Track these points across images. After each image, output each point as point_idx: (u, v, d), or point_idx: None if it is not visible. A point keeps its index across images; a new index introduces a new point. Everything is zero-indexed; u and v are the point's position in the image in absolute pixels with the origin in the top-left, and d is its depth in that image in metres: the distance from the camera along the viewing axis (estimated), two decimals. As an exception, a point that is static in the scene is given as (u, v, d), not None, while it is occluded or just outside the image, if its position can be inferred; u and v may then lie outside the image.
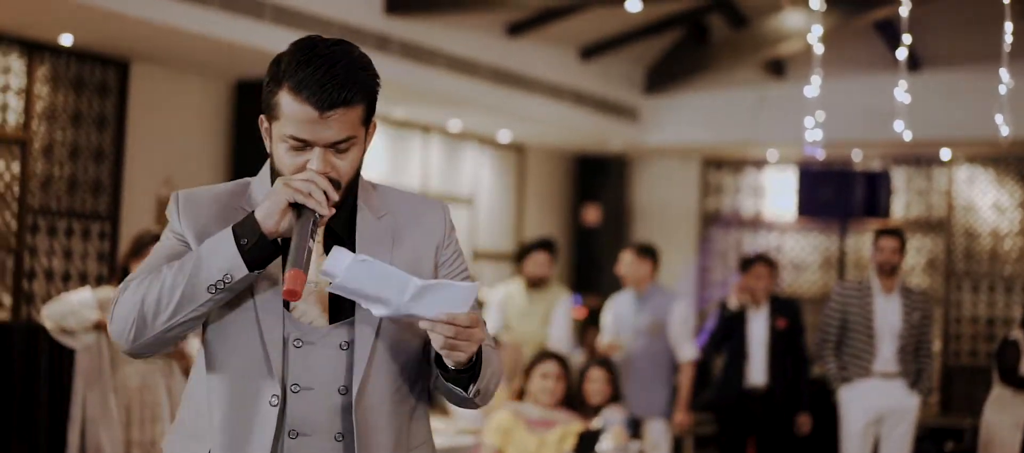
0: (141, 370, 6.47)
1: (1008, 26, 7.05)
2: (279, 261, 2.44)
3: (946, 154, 11.73)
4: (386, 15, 8.89)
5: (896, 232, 8.25)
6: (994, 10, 7.42)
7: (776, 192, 12.63)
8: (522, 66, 10.44)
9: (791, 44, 10.50)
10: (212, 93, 9.34)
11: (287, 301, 2.45)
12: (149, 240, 6.16)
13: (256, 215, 2.39)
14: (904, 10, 7.35)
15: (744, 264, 8.56)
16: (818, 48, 7.90)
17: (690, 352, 8.22)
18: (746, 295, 8.38)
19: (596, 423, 6.66)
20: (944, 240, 11.93)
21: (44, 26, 7.79)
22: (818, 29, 7.96)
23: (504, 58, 10.22)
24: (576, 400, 6.91)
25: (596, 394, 7.15)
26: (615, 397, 7.25)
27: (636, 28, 10.89)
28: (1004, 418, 7.60)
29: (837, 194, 10.48)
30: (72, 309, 6.37)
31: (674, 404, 8.33)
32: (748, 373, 8.36)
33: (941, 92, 10.47)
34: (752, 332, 8.37)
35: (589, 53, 11.17)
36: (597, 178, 12.98)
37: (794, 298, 9.85)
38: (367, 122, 2.50)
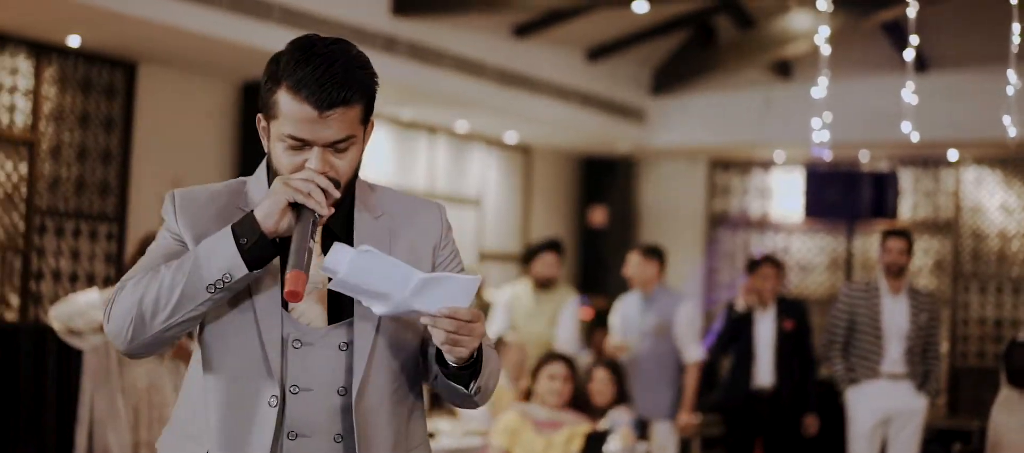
0: (149, 371, 6.48)
1: (1016, 27, 7.04)
2: (277, 261, 2.43)
3: (953, 155, 11.71)
4: (393, 16, 8.90)
5: (903, 233, 8.23)
6: (1002, 11, 7.41)
7: (783, 193, 12.61)
8: (529, 67, 10.44)
9: (798, 45, 10.49)
10: (219, 94, 9.35)
11: (285, 301, 2.43)
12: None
13: (256, 214, 2.37)
14: (911, 11, 7.34)
15: (751, 265, 8.56)
16: (825, 49, 7.90)
17: (696, 353, 8.21)
18: (753, 296, 8.37)
19: (603, 424, 6.66)
20: (951, 241, 11.91)
21: (52, 27, 7.80)
22: (825, 30, 7.95)
23: (511, 59, 10.22)
24: (583, 401, 6.91)
25: (600, 394, 7.15)
26: (621, 398, 7.25)
27: (643, 29, 10.88)
28: (1012, 420, 7.58)
29: (844, 195, 10.45)
30: (79, 310, 6.37)
31: (680, 405, 8.32)
32: (755, 374, 8.35)
33: (948, 93, 10.45)
34: (759, 333, 8.36)
35: (596, 54, 11.16)
36: (604, 179, 12.97)
37: (801, 299, 9.85)
38: (365, 121, 2.49)
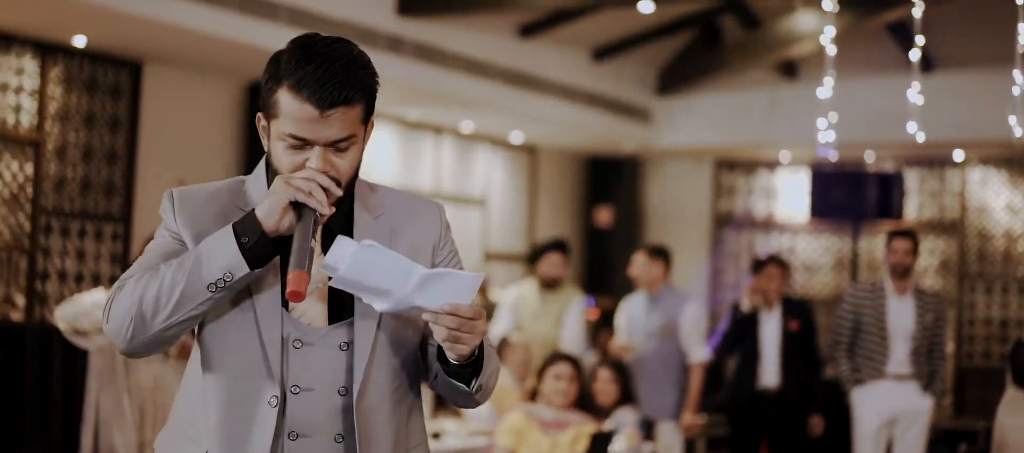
0: (154, 371, 6.48)
1: (1022, 27, 7.03)
2: (276, 260, 2.42)
3: (959, 155, 11.70)
4: (399, 16, 8.89)
5: (909, 234, 8.22)
6: (1007, 11, 7.40)
7: (788, 193, 12.60)
8: (534, 67, 10.44)
9: (804, 45, 10.48)
10: (225, 94, 9.35)
11: (286, 301, 2.42)
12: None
13: (257, 213, 2.36)
14: (917, 11, 7.34)
15: (756, 265, 8.55)
16: (831, 49, 7.89)
17: (701, 354, 8.20)
18: (758, 296, 8.37)
19: (609, 425, 6.66)
20: (957, 242, 11.90)
21: (57, 27, 7.81)
22: (831, 30, 7.95)
23: (516, 59, 10.22)
24: (588, 401, 6.91)
25: (604, 394, 7.15)
26: (626, 398, 7.24)
27: (648, 29, 10.88)
28: (1018, 420, 7.56)
29: (850, 195, 10.44)
30: (85, 310, 6.39)
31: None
32: (760, 375, 8.34)
33: (954, 93, 10.44)
34: (764, 334, 8.36)
35: (601, 54, 11.16)
36: (609, 179, 12.97)
37: (807, 299, 9.83)
38: (366, 121, 2.48)
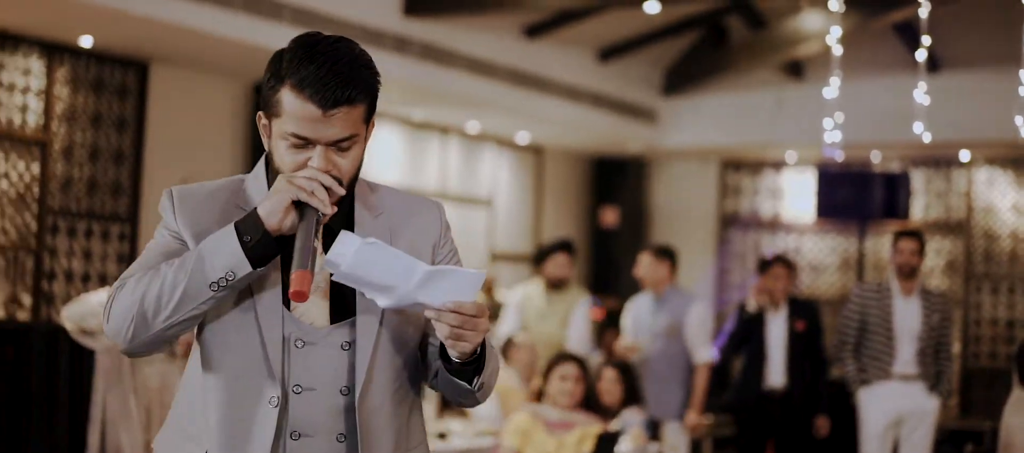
0: (161, 370, 6.49)
1: (1028, 27, 7.03)
2: (277, 259, 2.41)
3: (965, 156, 11.69)
4: (404, 17, 8.89)
5: (915, 234, 8.21)
6: (1014, 12, 7.40)
7: (795, 194, 12.59)
8: (540, 68, 10.44)
9: (809, 45, 10.47)
10: (231, 94, 9.36)
11: (288, 300, 2.41)
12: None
13: (259, 212, 2.35)
14: (923, 11, 7.33)
15: (762, 266, 8.54)
16: (837, 49, 7.89)
17: (706, 354, 8.20)
18: (764, 297, 8.36)
19: (615, 425, 6.66)
20: (963, 242, 11.89)
21: (64, 28, 7.82)
22: (837, 30, 7.94)
23: (522, 60, 10.22)
24: (594, 402, 6.91)
25: (609, 394, 7.15)
26: (631, 398, 7.24)
27: (654, 30, 10.88)
28: (1024, 421, 7.56)
29: (856, 196, 10.43)
30: (92, 310, 6.40)
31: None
32: (767, 375, 8.34)
33: (960, 94, 10.43)
34: (771, 334, 8.35)
35: (607, 55, 11.16)
36: (615, 180, 12.96)
37: (813, 300, 9.83)
38: (368, 120, 2.47)
